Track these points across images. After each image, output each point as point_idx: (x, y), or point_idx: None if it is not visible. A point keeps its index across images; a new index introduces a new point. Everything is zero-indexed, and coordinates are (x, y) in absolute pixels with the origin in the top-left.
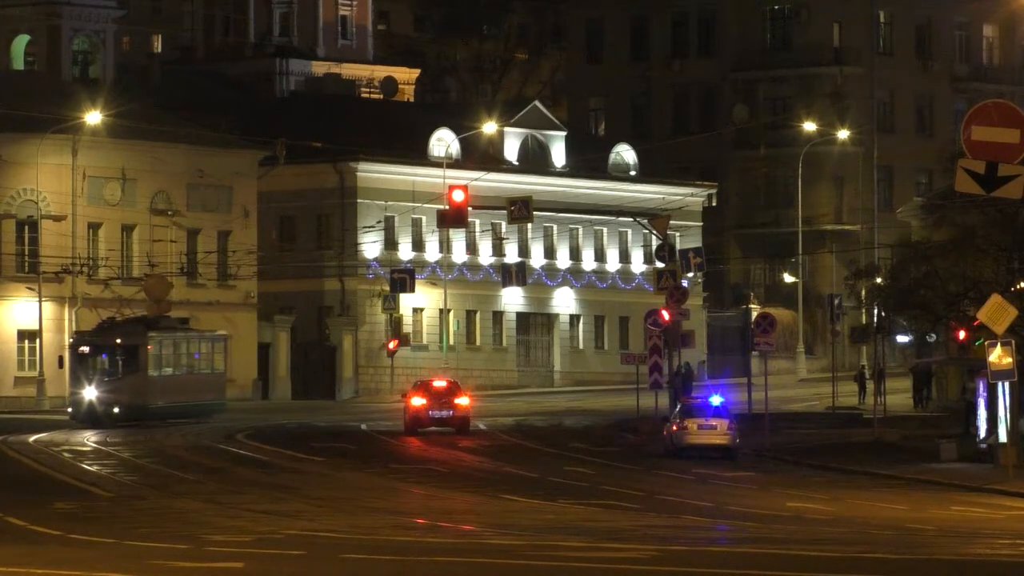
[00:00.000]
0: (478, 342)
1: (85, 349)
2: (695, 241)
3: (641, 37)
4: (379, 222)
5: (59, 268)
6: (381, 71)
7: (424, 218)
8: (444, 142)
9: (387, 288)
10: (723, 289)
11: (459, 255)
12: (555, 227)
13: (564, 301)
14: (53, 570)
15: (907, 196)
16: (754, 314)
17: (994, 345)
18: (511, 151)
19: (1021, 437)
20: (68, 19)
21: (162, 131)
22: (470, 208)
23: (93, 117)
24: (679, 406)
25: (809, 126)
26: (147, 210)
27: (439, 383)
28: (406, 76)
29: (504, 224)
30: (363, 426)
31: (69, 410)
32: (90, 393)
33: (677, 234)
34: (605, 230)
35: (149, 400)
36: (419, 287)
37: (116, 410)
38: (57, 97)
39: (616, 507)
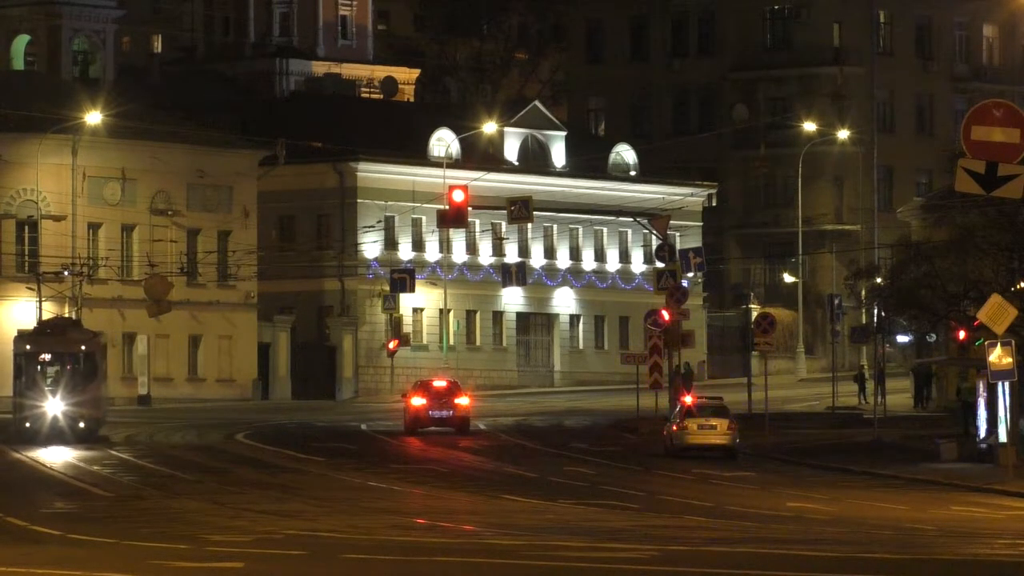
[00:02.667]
0: (478, 342)
1: (46, 357)
2: (695, 241)
3: (641, 37)
4: (379, 222)
5: (59, 268)
6: (381, 71)
7: (424, 218)
8: (444, 142)
9: (387, 288)
10: (723, 289)
11: (459, 255)
12: (555, 227)
13: (564, 301)
14: (53, 570)
15: (907, 196)
16: (754, 314)
17: (994, 345)
18: (511, 151)
19: (1021, 437)
20: (68, 19)
21: (162, 131)
22: (470, 208)
23: (93, 117)
24: (679, 406)
25: (809, 126)
26: (147, 210)
27: (439, 383)
28: (406, 76)
29: (504, 224)
30: (363, 426)
31: (27, 425)
32: (55, 407)
33: (677, 234)
34: (605, 230)
35: (103, 413)
36: (419, 287)
37: (81, 425)
38: (57, 97)
39: (616, 507)
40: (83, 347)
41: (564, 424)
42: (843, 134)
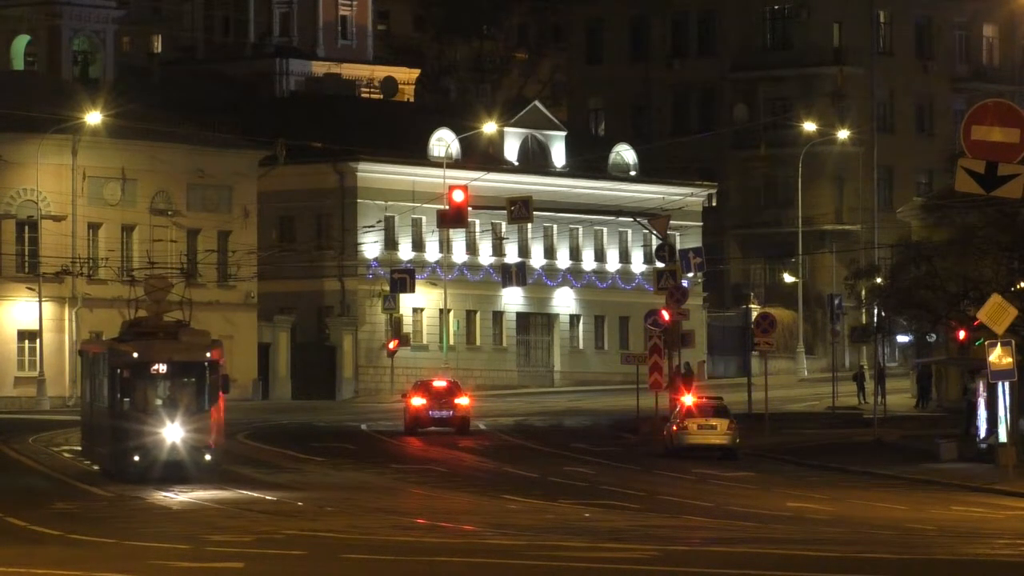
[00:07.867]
0: (478, 342)
1: (161, 368)
2: (695, 241)
3: (641, 37)
4: (379, 222)
5: (59, 268)
6: (381, 71)
7: (424, 218)
8: (444, 142)
9: (387, 288)
10: (723, 289)
11: (459, 255)
12: (555, 227)
13: (564, 301)
14: (53, 570)
15: (907, 196)
16: (754, 314)
17: (994, 345)
18: (511, 151)
19: (1021, 437)
20: (68, 19)
21: (162, 131)
22: (470, 208)
23: (93, 117)
24: (679, 406)
25: (809, 126)
26: (147, 210)
27: (439, 383)
28: (406, 76)
29: (504, 224)
30: (363, 426)
31: (135, 458)
32: (174, 433)
33: (677, 234)
34: (605, 230)
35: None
36: (419, 287)
37: (207, 457)
38: (57, 97)
39: (616, 507)
40: (207, 354)
41: (564, 424)
42: (843, 134)
